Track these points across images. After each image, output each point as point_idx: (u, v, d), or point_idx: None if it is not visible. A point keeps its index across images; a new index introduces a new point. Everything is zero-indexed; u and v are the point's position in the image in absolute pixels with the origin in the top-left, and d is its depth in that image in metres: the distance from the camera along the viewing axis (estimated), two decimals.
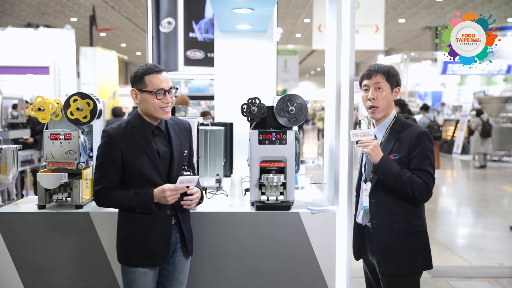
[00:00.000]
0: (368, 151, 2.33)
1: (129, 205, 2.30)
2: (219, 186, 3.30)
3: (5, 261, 2.67)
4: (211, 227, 2.67)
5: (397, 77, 2.44)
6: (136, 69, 2.34)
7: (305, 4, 16.70)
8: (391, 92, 2.43)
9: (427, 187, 2.28)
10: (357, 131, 2.42)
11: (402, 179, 2.26)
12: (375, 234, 2.37)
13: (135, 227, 2.32)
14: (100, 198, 2.31)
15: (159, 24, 8.09)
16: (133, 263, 2.33)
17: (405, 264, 2.34)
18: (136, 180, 2.30)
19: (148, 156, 2.29)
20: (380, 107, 2.42)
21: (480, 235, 6.40)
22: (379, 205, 2.36)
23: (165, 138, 2.39)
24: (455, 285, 4.37)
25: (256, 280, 2.69)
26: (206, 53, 8.23)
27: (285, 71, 22.10)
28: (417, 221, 2.36)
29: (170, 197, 2.26)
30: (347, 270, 2.77)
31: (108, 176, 2.29)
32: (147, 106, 2.31)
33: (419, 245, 2.36)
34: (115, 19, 19.20)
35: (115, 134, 2.29)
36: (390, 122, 2.43)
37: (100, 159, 2.31)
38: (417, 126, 2.40)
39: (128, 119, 2.37)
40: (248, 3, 3.09)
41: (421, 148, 2.30)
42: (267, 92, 4.00)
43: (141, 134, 2.32)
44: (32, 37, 11.81)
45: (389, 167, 2.29)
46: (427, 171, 2.29)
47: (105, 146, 2.29)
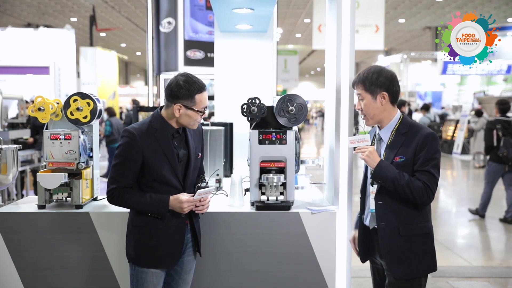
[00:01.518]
0: (363, 158, 2.32)
1: (143, 208, 2.30)
2: (219, 186, 3.30)
3: (5, 261, 2.67)
4: (211, 227, 2.67)
5: (377, 82, 2.33)
6: (182, 83, 2.28)
7: (305, 4, 16.70)
8: (374, 100, 2.35)
9: (427, 189, 2.23)
10: (354, 137, 2.42)
11: (400, 183, 2.23)
12: (383, 236, 2.34)
13: (149, 228, 2.32)
14: (114, 197, 2.30)
15: (159, 24, 8.09)
16: (146, 264, 2.33)
17: (413, 266, 2.31)
18: (154, 181, 2.31)
19: (168, 159, 2.31)
20: (369, 116, 2.38)
21: (480, 235, 6.39)
22: (385, 208, 2.34)
23: (182, 140, 2.41)
24: (455, 285, 4.37)
25: (256, 280, 2.69)
26: (206, 53, 8.22)
27: (285, 71, 22.10)
28: (423, 223, 2.33)
29: (186, 208, 2.30)
30: (347, 270, 2.77)
31: (125, 176, 2.28)
32: (187, 121, 2.33)
33: (425, 247, 2.34)
34: (115, 19, 19.21)
35: (138, 135, 2.27)
36: (395, 124, 2.37)
37: (120, 158, 2.29)
38: (424, 128, 2.34)
39: (150, 120, 2.35)
40: (248, 3, 3.09)
41: (427, 150, 2.25)
42: (267, 92, 4.00)
43: (163, 136, 2.32)
44: (32, 37, 11.81)
45: (385, 172, 2.26)
46: (429, 172, 2.25)
47: (127, 146, 2.28)
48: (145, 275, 2.32)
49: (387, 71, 2.38)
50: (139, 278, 2.33)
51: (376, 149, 2.41)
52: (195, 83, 2.30)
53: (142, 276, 2.33)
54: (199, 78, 2.34)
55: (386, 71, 2.37)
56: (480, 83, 21.14)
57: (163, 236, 2.32)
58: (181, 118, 2.32)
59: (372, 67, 2.40)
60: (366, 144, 2.37)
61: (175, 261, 2.38)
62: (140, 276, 2.33)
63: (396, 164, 2.29)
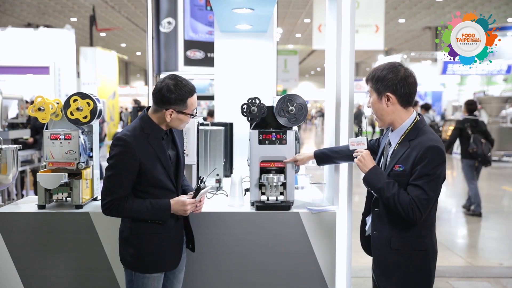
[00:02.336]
0: (356, 161, 2.26)
1: (144, 216, 2.24)
2: (219, 186, 3.30)
3: (5, 261, 2.67)
4: (211, 227, 2.67)
5: (384, 81, 2.17)
6: (172, 88, 2.22)
7: (305, 4, 16.70)
8: (379, 100, 2.21)
9: (413, 206, 2.05)
10: (354, 139, 2.35)
11: (386, 195, 2.10)
12: (375, 246, 2.25)
13: (149, 235, 2.27)
14: (113, 208, 2.20)
15: (159, 24, 8.08)
16: (148, 269, 2.28)
17: (401, 282, 2.16)
18: (150, 186, 2.27)
19: (163, 163, 2.27)
20: (376, 116, 2.26)
21: (480, 235, 6.40)
22: (381, 216, 2.22)
23: (169, 141, 2.39)
24: (455, 285, 4.37)
25: (256, 280, 2.69)
26: (206, 53, 8.22)
27: (285, 71, 22.08)
28: (419, 239, 2.15)
29: (190, 210, 2.29)
30: (347, 270, 2.78)
31: (123, 186, 2.20)
32: (177, 124, 2.30)
33: (418, 265, 2.16)
34: (115, 19, 19.20)
35: (132, 142, 2.19)
36: (406, 128, 2.20)
37: (116, 168, 2.18)
38: (429, 139, 2.12)
39: (140, 124, 2.27)
40: (248, 3, 3.09)
41: (425, 164, 2.07)
42: (267, 92, 4.00)
43: (156, 141, 2.27)
44: (32, 37, 11.79)
45: (374, 180, 2.16)
46: (420, 188, 2.06)
47: (123, 155, 2.18)
48: (147, 280, 2.28)
49: (401, 70, 2.19)
50: (140, 284, 2.28)
51: (385, 153, 2.30)
52: (185, 86, 2.24)
53: (144, 281, 2.28)
54: (187, 80, 2.29)
55: (398, 70, 2.18)
56: (480, 83, 21.12)
57: (164, 239, 2.29)
58: (172, 122, 2.28)
59: (387, 64, 2.23)
60: (362, 147, 2.30)
61: (177, 263, 2.37)
62: (141, 282, 2.28)
63: (395, 172, 2.15)
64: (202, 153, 3.28)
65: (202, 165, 3.28)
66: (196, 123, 3.04)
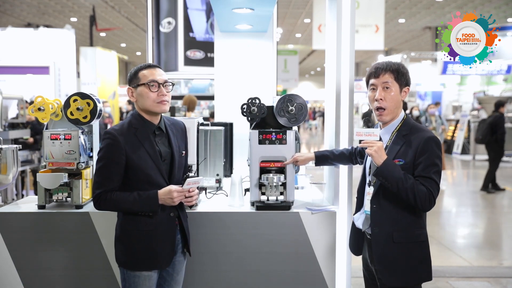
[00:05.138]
0: (371, 153, 2.19)
1: (132, 208, 2.24)
2: (219, 186, 3.30)
3: (5, 261, 2.67)
4: (211, 227, 2.67)
5: (406, 76, 2.28)
6: (132, 71, 2.36)
7: (305, 4, 16.69)
8: (400, 92, 2.27)
9: (431, 196, 2.13)
10: (362, 130, 2.27)
11: (405, 186, 2.12)
12: (375, 242, 2.25)
13: (139, 231, 2.27)
14: (102, 201, 2.23)
15: (159, 24, 8.08)
16: (137, 267, 2.28)
17: (406, 275, 2.22)
18: (139, 182, 2.26)
19: (152, 158, 2.27)
20: (388, 109, 2.26)
21: (480, 235, 6.40)
22: (380, 212, 2.24)
23: (165, 138, 2.38)
24: (455, 285, 4.37)
25: (256, 280, 2.69)
26: (206, 53, 8.22)
27: (285, 71, 22.08)
28: (419, 231, 2.24)
29: (177, 198, 2.26)
30: (347, 270, 2.78)
31: (111, 179, 2.22)
32: (143, 102, 2.29)
33: (420, 256, 2.24)
34: (115, 19, 19.19)
35: (119, 136, 2.23)
36: (397, 125, 2.28)
37: (103, 161, 2.23)
38: (426, 131, 2.25)
39: (129, 120, 2.32)
40: (248, 3, 3.09)
41: (428, 155, 2.15)
42: (267, 92, 4.00)
43: (144, 135, 2.28)
44: (32, 37, 11.79)
45: (391, 171, 2.15)
46: (431, 178, 2.14)
47: (109, 148, 2.22)
48: (138, 278, 2.27)
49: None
50: (131, 282, 2.28)
51: None
52: (140, 64, 2.33)
53: (135, 280, 2.27)
54: (153, 63, 2.37)
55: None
56: (480, 83, 21.11)
57: (155, 236, 2.28)
58: (139, 102, 2.31)
59: (390, 61, 2.30)
60: (374, 138, 2.22)
61: (168, 261, 2.35)
62: (132, 280, 2.28)
63: None
64: (202, 153, 3.27)
65: (202, 165, 3.28)
66: (196, 123, 3.04)
